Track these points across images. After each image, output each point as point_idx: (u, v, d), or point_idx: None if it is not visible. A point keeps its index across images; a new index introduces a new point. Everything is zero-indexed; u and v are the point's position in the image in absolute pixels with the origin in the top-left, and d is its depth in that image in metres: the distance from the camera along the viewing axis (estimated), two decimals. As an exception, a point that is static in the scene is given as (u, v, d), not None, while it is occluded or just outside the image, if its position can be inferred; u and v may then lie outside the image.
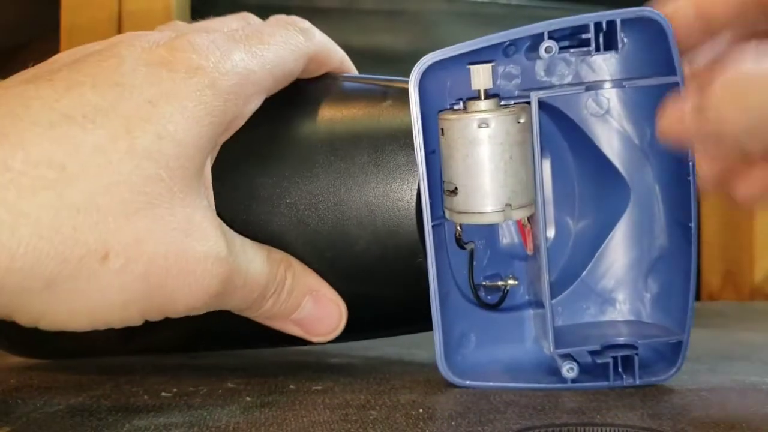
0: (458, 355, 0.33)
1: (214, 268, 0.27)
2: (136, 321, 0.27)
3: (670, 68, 0.30)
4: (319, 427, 0.26)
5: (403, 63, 0.37)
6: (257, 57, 0.29)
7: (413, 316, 0.33)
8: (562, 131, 0.34)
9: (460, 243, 0.33)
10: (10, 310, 0.25)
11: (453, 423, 0.27)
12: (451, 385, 0.32)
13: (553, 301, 0.32)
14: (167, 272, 0.26)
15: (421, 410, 0.28)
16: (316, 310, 0.31)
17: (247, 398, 0.30)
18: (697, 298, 0.33)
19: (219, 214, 0.29)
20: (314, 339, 0.32)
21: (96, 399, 0.30)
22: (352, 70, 0.36)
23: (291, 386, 0.32)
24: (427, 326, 0.32)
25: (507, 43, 0.31)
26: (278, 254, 0.31)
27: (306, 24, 0.32)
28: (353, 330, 0.38)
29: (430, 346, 0.32)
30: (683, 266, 0.32)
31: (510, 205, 0.30)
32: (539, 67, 0.32)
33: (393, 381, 0.33)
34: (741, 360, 0.39)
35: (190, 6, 0.78)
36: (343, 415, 0.28)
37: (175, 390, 0.32)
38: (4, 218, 0.23)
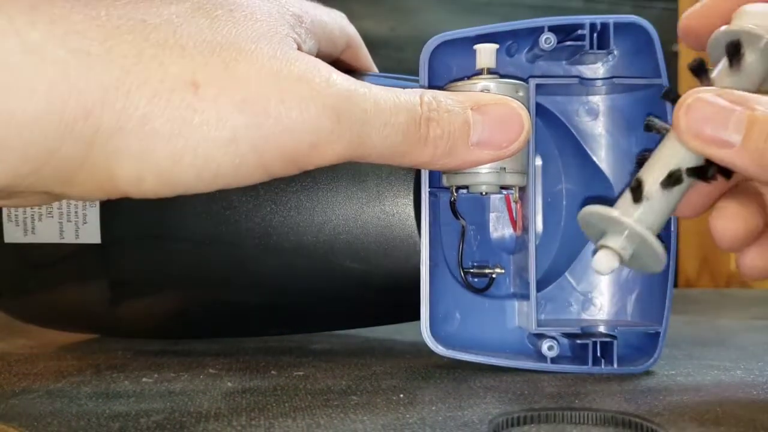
0: (442, 330, 0.34)
1: (324, 86, 0.25)
2: (255, 169, 0.25)
3: (655, 72, 0.33)
4: (300, 413, 0.26)
5: (385, 48, 0.37)
6: (313, 5, 0.30)
7: (400, 301, 0.34)
8: (553, 135, 0.36)
9: (454, 210, 0.33)
10: (112, 159, 0.23)
11: (433, 408, 0.27)
12: (433, 368, 0.32)
13: (537, 295, 0.32)
14: (268, 96, 0.24)
15: (401, 395, 0.28)
16: (489, 120, 0.28)
17: (228, 384, 0.30)
18: (675, 285, 0.33)
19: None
20: (510, 149, 0.29)
21: (76, 385, 0.30)
22: (363, 50, 0.37)
23: (272, 372, 0.32)
24: (411, 315, 0.32)
25: (510, 41, 0.34)
26: (412, 89, 0.28)
27: None
28: (339, 319, 0.39)
29: (412, 333, 0.32)
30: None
31: (504, 168, 0.31)
32: (537, 70, 0.35)
33: (374, 367, 0.33)
34: (717, 346, 0.40)
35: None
36: (325, 401, 0.28)
37: (156, 376, 0.32)
38: (94, 53, 0.22)
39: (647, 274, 0.34)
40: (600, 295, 0.35)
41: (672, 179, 0.26)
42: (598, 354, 0.32)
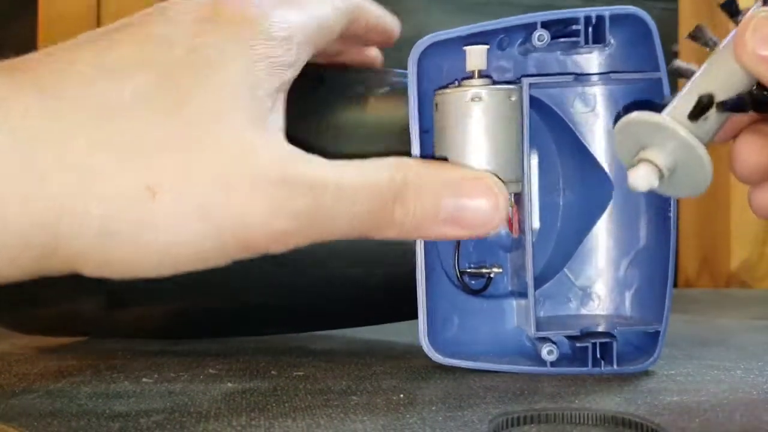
0: (441, 336, 0.33)
1: (282, 184, 0.25)
2: (217, 258, 0.25)
3: (654, 65, 0.31)
4: (300, 413, 0.26)
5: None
6: (301, 10, 0.28)
7: (398, 303, 0.34)
8: (549, 128, 0.35)
9: None
10: (72, 260, 0.24)
11: (433, 408, 0.27)
12: (433, 371, 0.32)
13: (536, 292, 0.32)
14: (227, 197, 0.24)
15: (401, 395, 0.28)
16: (462, 200, 0.27)
17: (229, 384, 0.30)
18: (675, 285, 0.33)
19: None
20: (479, 232, 0.28)
21: (76, 385, 0.30)
22: (393, 26, 0.35)
23: (272, 372, 0.32)
24: (411, 314, 0.32)
25: (501, 35, 0.33)
26: (386, 159, 0.27)
27: None
28: (336, 318, 0.39)
29: (412, 333, 0.32)
30: (662, 259, 0.32)
31: (498, 177, 0.30)
32: (530, 63, 0.34)
33: (374, 367, 0.33)
34: (717, 346, 0.40)
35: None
36: (324, 401, 0.28)
37: (156, 376, 0.32)
38: (47, 163, 0.23)
39: (646, 269, 0.34)
40: (599, 290, 0.35)
41: (737, 105, 0.24)
42: (598, 355, 0.32)
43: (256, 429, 0.24)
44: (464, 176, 0.28)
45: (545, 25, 0.32)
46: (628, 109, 0.33)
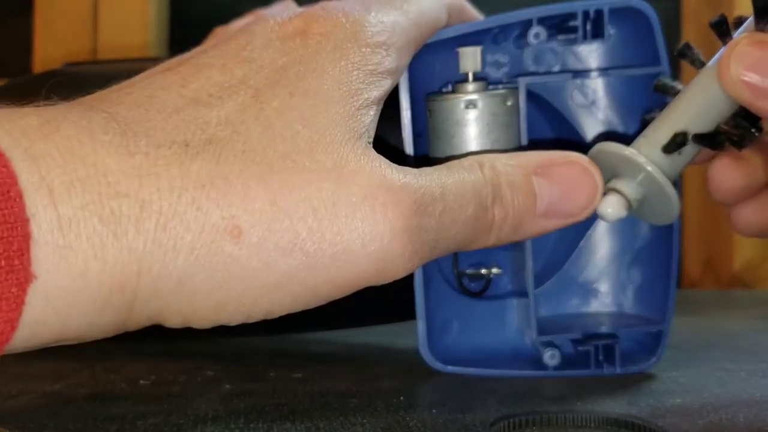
0: (441, 342, 0.33)
1: (392, 207, 0.22)
2: (304, 303, 0.22)
3: (655, 59, 0.31)
4: (299, 416, 0.26)
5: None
6: (398, 8, 0.26)
7: (397, 304, 0.33)
8: (547, 121, 0.34)
9: None
10: (155, 317, 0.22)
11: (434, 411, 0.26)
12: (433, 373, 0.32)
13: (536, 291, 0.32)
14: (323, 231, 0.21)
15: (402, 398, 0.28)
16: (557, 186, 0.25)
17: (227, 386, 0.30)
18: (678, 286, 0.33)
19: None
20: (580, 217, 0.26)
21: (73, 387, 0.30)
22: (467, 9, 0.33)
23: (271, 374, 0.32)
24: (410, 315, 0.32)
25: (496, 30, 0.32)
26: (466, 160, 0.25)
27: None
28: (335, 319, 0.38)
29: (412, 334, 0.32)
30: (665, 257, 0.32)
31: None
32: (527, 56, 0.33)
33: (374, 369, 0.33)
34: (720, 347, 0.40)
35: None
36: (324, 403, 0.27)
37: (153, 378, 0.31)
38: (126, 216, 0.20)
39: (648, 267, 0.34)
40: (600, 287, 0.34)
41: (711, 141, 0.24)
42: (600, 357, 0.32)
43: (253, 432, 0.24)
44: (554, 160, 0.25)
45: (541, 20, 0.31)
46: (625, 103, 0.33)
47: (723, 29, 0.25)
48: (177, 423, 0.25)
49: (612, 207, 0.25)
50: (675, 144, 0.25)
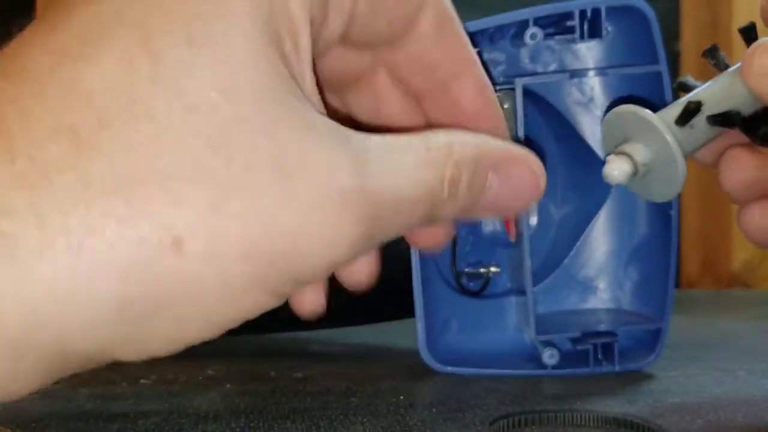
0: (440, 342, 0.33)
1: (339, 210, 0.18)
2: (268, 303, 0.19)
3: (653, 57, 0.31)
4: (299, 415, 0.26)
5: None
6: None
7: (396, 303, 0.33)
8: (545, 119, 0.34)
9: None
10: (97, 352, 0.18)
11: (434, 410, 0.27)
12: (433, 372, 0.32)
13: (535, 289, 0.32)
14: (273, 232, 0.18)
15: (402, 397, 0.28)
16: (504, 186, 0.23)
17: (227, 386, 0.30)
18: (676, 286, 0.33)
19: None
20: (514, 213, 0.25)
21: (74, 386, 0.30)
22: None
23: (272, 374, 0.32)
24: (410, 313, 0.32)
25: (492, 29, 0.31)
26: (437, 138, 0.21)
27: None
28: (335, 317, 0.38)
29: (412, 333, 0.32)
30: (663, 255, 0.32)
31: None
32: (524, 55, 0.33)
33: (374, 368, 0.33)
34: (718, 347, 0.40)
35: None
36: (324, 403, 0.27)
37: (154, 377, 0.31)
38: (25, 232, 0.16)
39: (647, 265, 0.34)
40: (599, 284, 0.34)
41: (725, 119, 0.25)
42: (599, 356, 0.32)
43: (255, 431, 0.24)
44: (511, 157, 0.23)
45: (538, 20, 0.31)
46: (623, 101, 0.33)
47: (752, 35, 0.26)
48: (178, 422, 0.25)
49: (618, 169, 0.25)
50: (688, 112, 0.25)
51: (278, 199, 0.18)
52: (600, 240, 0.35)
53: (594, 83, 0.33)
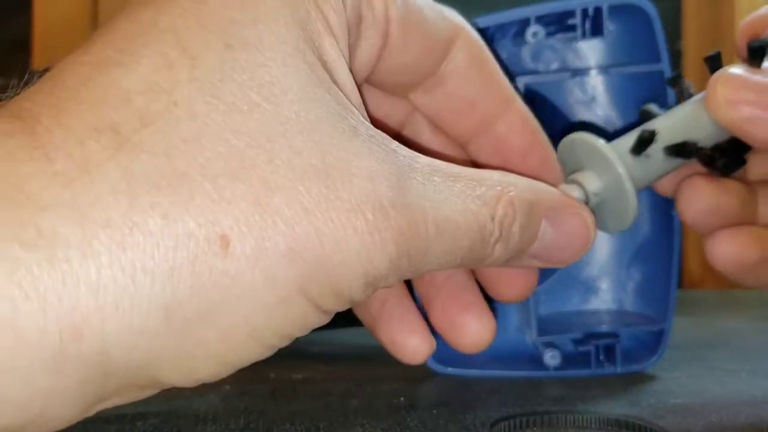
0: (441, 343, 0.33)
1: (378, 222, 0.18)
2: (312, 318, 0.18)
3: (655, 56, 0.30)
4: (299, 416, 0.26)
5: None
6: None
7: None
8: (546, 117, 0.34)
9: None
10: (147, 369, 0.17)
11: (435, 411, 0.26)
12: (434, 374, 0.32)
13: (537, 289, 0.32)
14: (317, 235, 0.17)
15: (402, 399, 0.28)
16: (557, 236, 0.23)
17: (227, 387, 0.30)
18: (679, 286, 0.33)
19: None
20: (564, 264, 0.24)
21: (73, 388, 0.30)
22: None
23: (271, 375, 0.32)
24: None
25: (494, 27, 0.31)
26: (491, 179, 0.21)
27: None
28: (335, 318, 0.38)
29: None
30: (665, 255, 0.32)
31: None
32: (525, 53, 0.33)
33: (375, 370, 0.33)
34: (721, 348, 0.40)
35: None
36: (324, 404, 0.27)
37: (153, 379, 0.31)
38: (65, 229, 0.15)
39: (649, 265, 0.33)
40: (601, 285, 0.34)
41: (681, 149, 0.24)
42: (601, 357, 0.32)
43: (253, 433, 0.24)
44: (565, 207, 0.23)
45: (539, 19, 0.31)
46: (624, 100, 0.32)
47: (716, 64, 0.25)
48: (177, 423, 0.25)
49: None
50: (642, 141, 0.24)
51: (320, 200, 0.17)
52: (602, 240, 0.34)
53: (596, 82, 0.33)
